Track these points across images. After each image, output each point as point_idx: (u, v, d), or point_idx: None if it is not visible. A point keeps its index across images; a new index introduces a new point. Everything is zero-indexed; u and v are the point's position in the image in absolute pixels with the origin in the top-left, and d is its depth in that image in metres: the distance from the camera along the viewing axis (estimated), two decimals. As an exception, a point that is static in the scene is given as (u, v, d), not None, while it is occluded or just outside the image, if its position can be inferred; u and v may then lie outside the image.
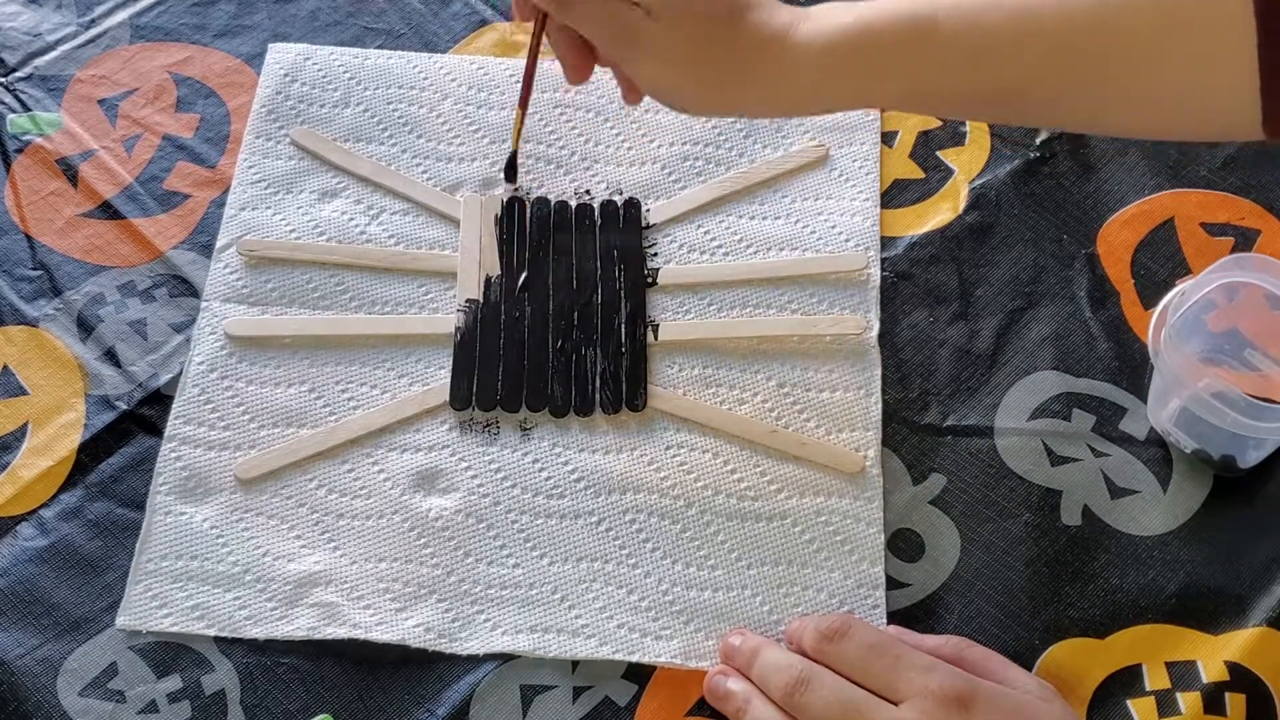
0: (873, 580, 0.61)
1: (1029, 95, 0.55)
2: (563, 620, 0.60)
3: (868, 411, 0.65)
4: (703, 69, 0.56)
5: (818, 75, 0.56)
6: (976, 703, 0.52)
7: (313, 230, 0.71)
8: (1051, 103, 0.55)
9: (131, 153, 0.73)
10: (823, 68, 0.55)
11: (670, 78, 0.57)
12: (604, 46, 0.58)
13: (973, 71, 0.54)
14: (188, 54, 0.77)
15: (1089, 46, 0.52)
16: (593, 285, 0.69)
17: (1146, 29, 0.51)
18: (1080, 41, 0.52)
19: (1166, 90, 0.53)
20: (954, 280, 0.69)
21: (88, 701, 0.58)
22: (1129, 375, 0.66)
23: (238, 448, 0.64)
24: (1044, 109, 0.56)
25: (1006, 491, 0.63)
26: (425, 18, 0.79)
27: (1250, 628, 0.59)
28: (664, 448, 0.65)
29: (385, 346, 0.68)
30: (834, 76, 0.56)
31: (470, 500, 0.63)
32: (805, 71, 0.56)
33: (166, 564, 0.61)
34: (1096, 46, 0.52)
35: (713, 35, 0.56)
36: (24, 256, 0.70)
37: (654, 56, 0.56)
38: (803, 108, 0.60)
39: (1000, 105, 0.57)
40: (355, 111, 0.75)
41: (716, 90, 0.57)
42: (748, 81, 0.57)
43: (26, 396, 0.66)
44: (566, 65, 0.61)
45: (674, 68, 0.57)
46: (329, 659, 0.59)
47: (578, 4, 0.56)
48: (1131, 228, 0.70)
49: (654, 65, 0.57)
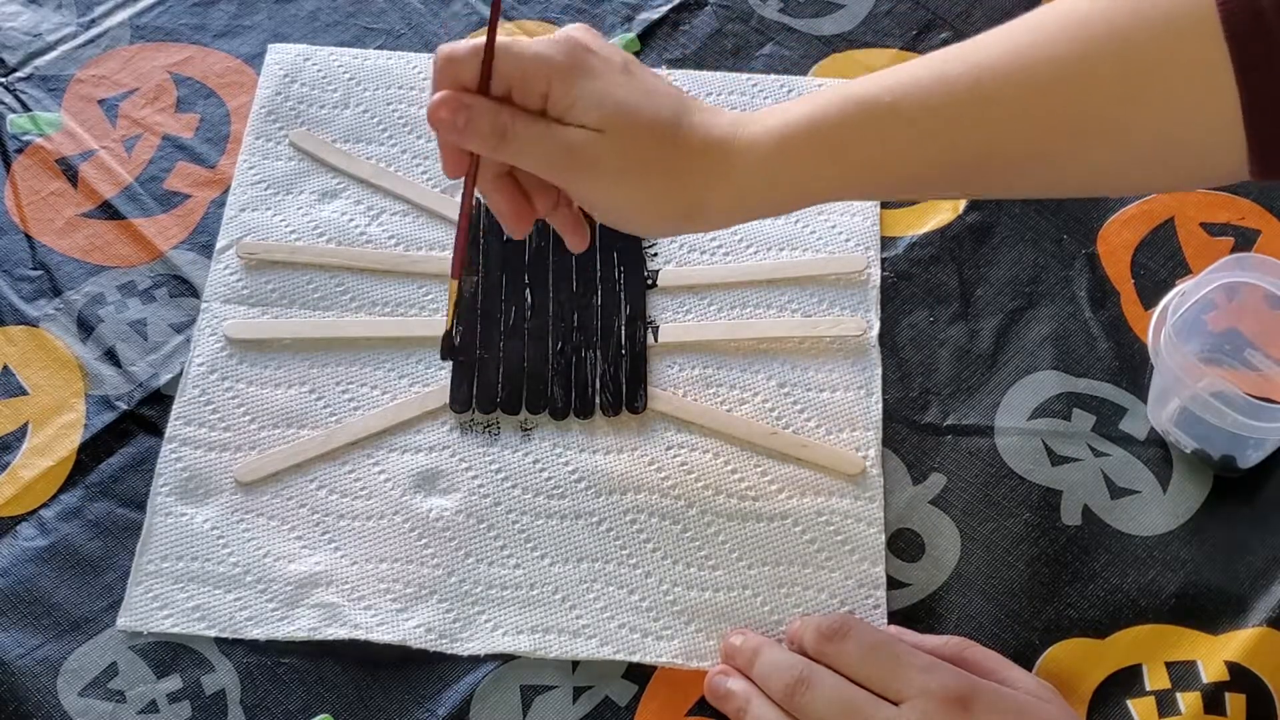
0: (873, 580, 0.61)
1: (996, 160, 0.53)
2: (563, 620, 0.60)
3: (868, 411, 0.65)
4: (654, 178, 0.54)
5: (774, 168, 0.54)
6: (976, 703, 0.52)
7: (312, 231, 0.71)
8: (1019, 167, 0.53)
9: (131, 153, 0.73)
10: (779, 159, 0.53)
11: (624, 192, 0.55)
12: (551, 173, 0.55)
13: (934, 144, 0.52)
14: (188, 54, 0.77)
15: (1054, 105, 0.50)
16: (593, 287, 0.69)
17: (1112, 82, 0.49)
18: (1045, 101, 0.50)
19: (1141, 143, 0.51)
20: (954, 280, 0.69)
21: (88, 702, 0.58)
22: (1129, 375, 0.66)
23: (238, 449, 0.64)
24: (1013, 174, 0.54)
25: (1006, 491, 0.63)
26: (425, 18, 0.79)
27: (1250, 628, 0.59)
28: (665, 448, 0.65)
29: (385, 348, 0.68)
30: (790, 168, 0.54)
31: (471, 501, 0.63)
32: (759, 167, 0.54)
33: (167, 565, 0.61)
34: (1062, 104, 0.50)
35: (661, 140, 0.54)
36: (24, 256, 0.70)
37: (604, 172, 0.54)
38: (759, 208, 0.57)
39: (967, 177, 0.55)
40: (355, 112, 0.75)
41: (670, 198, 0.55)
42: (700, 185, 0.54)
43: (26, 396, 0.66)
44: (507, 219, 0.58)
45: (626, 180, 0.54)
46: (329, 659, 0.59)
47: (517, 135, 0.53)
48: (1131, 227, 0.70)
49: (606, 182, 0.54)
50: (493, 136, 0.53)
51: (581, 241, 0.60)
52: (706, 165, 0.54)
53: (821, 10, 0.79)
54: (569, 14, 0.78)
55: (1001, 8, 0.78)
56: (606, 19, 0.78)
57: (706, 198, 0.55)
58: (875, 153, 0.53)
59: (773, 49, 0.77)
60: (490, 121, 0.53)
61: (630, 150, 0.53)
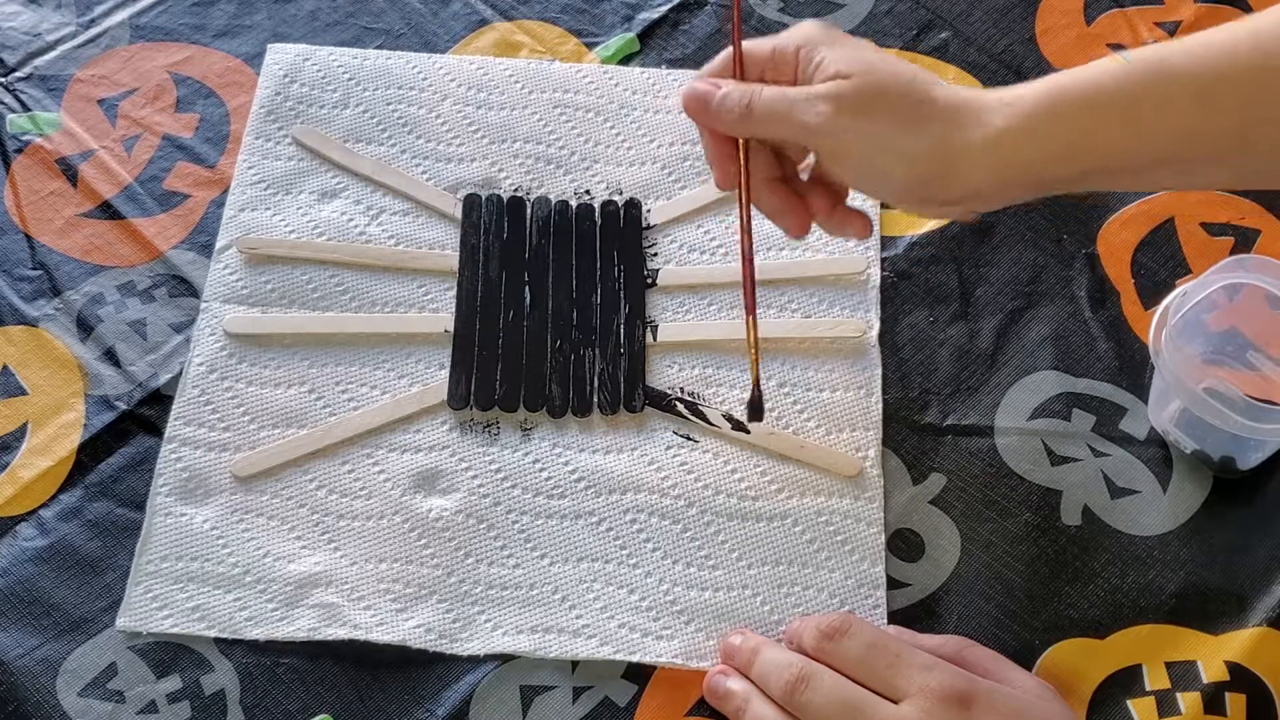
0: (873, 580, 0.61)
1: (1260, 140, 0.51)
2: (563, 620, 0.60)
3: (868, 411, 0.65)
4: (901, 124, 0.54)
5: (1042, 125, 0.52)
6: (976, 702, 0.52)
7: (312, 231, 0.71)
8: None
9: (131, 153, 0.73)
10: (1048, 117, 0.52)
11: (872, 143, 0.54)
12: (798, 132, 0.55)
13: (1201, 111, 0.50)
14: (188, 54, 0.77)
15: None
16: (592, 285, 0.69)
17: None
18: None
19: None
20: (954, 280, 0.69)
21: (87, 702, 0.58)
22: (1129, 375, 0.66)
23: (238, 449, 0.64)
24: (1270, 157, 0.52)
25: (1006, 491, 0.63)
26: (425, 18, 0.79)
27: (1250, 628, 0.59)
28: (664, 447, 0.65)
29: (385, 346, 0.68)
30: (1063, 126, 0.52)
31: (470, 501, 0.63)
32: (1024, 121, 0.52)
33: (167, 565, 0.61)
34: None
35: (906, 89, 0.54)
36: (24, 256, 0.70)
37: (851, 121, 0.54)
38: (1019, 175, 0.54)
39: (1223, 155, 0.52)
40: (354, 112, 0.75)
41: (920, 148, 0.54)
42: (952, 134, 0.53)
43: (26, 396, 0.66)
44: (784, 220, 0.59)
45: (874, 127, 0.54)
46: (329, 659, 0.59)
47: (763, 102, 0.55)
48: (1131, 227, 0.70)
49: (853, 134, 0.54)
50: (738, 108, 0.56)
51: (865, 228, 0.60)
52: (956, 116, 0.54)
53: (821, 10, 0.79)
54: (569, 14, 0.79)
55: (1001, 8, 0.78)
56: (606, 19, 0.78)
57: (959, 148, 0.53)
58: (1136, 119, 0.51)
59: (773, 49, 0.77)
60: (737, 96, 0.56)
61: (876, 96, 0.54)
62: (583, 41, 0.78)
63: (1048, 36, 0.77)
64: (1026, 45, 0.77)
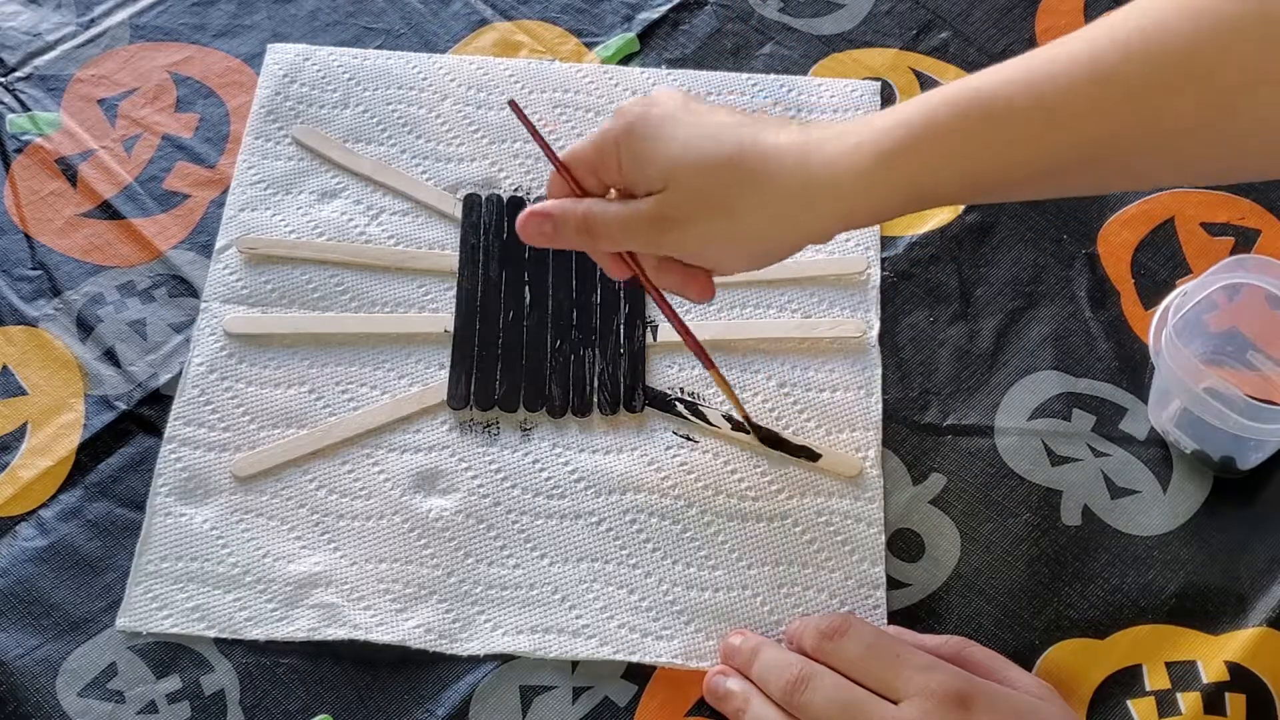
0: (873, 580, 0.61)
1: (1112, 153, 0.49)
2: (563, 620, 0.60)
3: (868, 411, 0.65)
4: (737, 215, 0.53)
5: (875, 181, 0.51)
6: (976, 702, 0.52)
7: (312, 231, 0.71)
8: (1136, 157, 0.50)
9: (131, 153, 0.73)
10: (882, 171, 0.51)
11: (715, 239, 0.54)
12: (646, 246, 0.56)
13: (1049, 135, 0.49)
14: (187, 54, 0.77)
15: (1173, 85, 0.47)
16: (592, 285, 0.69)
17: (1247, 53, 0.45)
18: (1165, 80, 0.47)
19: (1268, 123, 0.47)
20: (954, 280, 0.69)
21: (87, 702, 0.58)
22: (1129, 375, 0.66)
23: (237, 449, 0.64)
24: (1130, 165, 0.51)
25: (1006, 491, 0.63)
26: (425, 18, 0.79)
27: (1250, 628, 0.59)
28: (664, 447, 0.65)
29: (385, 346, 0.68)
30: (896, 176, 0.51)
31: (470, 501, 0.63)
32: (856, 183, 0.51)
33: (166, 565, 0.61)
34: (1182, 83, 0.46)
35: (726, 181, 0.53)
36: (23, 256, 0.70)
37: (686, 227, 0.54)
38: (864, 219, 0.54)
39: (1079, 171, 0.51)
40: (354, 112, 0.75)
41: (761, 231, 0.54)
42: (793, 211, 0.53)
43: (26, 396, 0.66)
44: (688, 296, 0.58)
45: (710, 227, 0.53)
46: (329, 659, 0.59)
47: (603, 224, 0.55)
48: (1131, 227, 0.70)
49: (693, 236, 0.54)
50: (581, 233, 0.56)
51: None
52: (791, 179, 0.52)
53: (821, 10, 0.79)
54: (569, 14, 0.78)
55: (1001, 8, 0.78)
56: (606, 19, 0.78)
57: (799, 211, 0.53)
58: (983, 153, 0.50)
59: (773, 48, 0.77)
60: (575, 222, 0.55)
61: (699, 197, 0.53)
62: (583, 41, 0.78)
63: (1048, 36, 0.77)
64: (1026, 45, 0.77)
